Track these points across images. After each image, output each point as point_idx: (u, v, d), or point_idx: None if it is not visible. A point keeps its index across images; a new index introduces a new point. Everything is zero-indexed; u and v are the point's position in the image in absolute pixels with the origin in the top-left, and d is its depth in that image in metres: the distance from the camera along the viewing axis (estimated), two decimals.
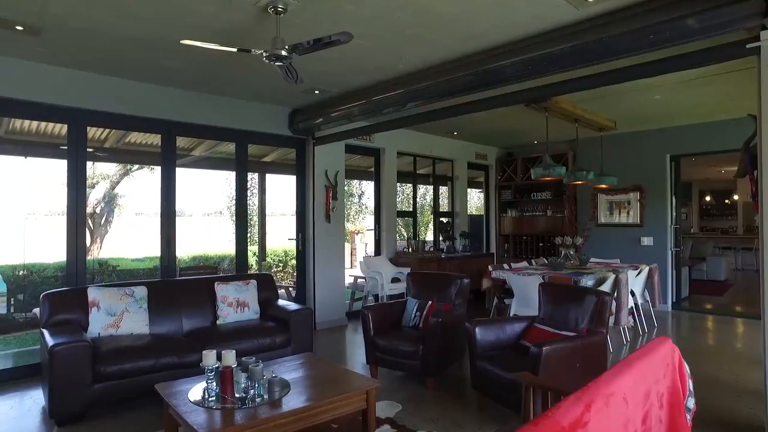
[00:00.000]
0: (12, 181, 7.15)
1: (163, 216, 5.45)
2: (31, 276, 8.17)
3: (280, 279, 12.19)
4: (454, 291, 4.81)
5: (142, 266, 9.54)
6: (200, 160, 7.91)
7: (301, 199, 6.73)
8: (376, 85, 5.37)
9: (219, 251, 11.16)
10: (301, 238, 6.68)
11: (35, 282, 8.17)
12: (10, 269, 8.33)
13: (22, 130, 6.23)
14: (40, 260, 8.18)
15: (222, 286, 4.79)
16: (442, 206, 9.45)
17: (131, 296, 4.27)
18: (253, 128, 6.15)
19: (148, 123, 5.37)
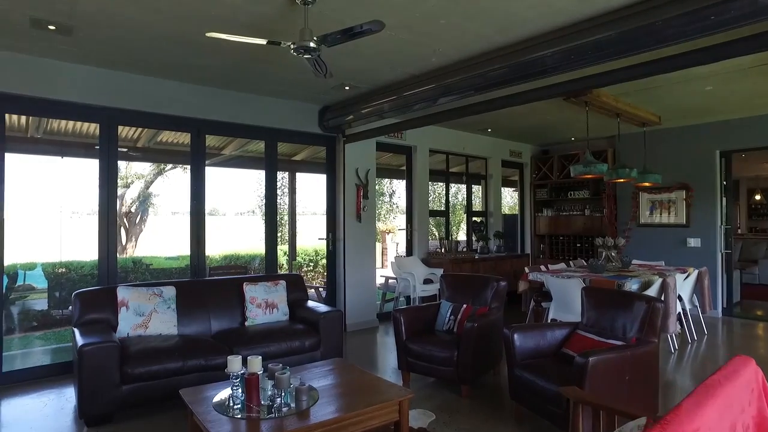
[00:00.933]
0: (50, 181, 7.30)
1: (192, 215, 5.41)
2: (69, 273, 8.33)
3: (310, 279, 12.14)
4: (490, 294, 4.59)
5: (174, 265, 9.63)
6: (231, 159, 7.89)
7: (331, 198, 6.61)
8: (408, 79, 5.19)
9: (250, 250, 11.20)
10: (331, 238, 6.56)
11: (73, 279, 8.33)
12: (50, 266, 8.52)
13: (59, 130, 6.31)
14: (77, 258, 8.33)
15: (251, 286, 4.70)
16: (475, 205, 9.19)
17: (160, 296, 4.22)
18: (283, 126, 6.05)
19: (178, 122, 5.34)
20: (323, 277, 12.72)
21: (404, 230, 7.60)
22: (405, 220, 7.66)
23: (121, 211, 12.08)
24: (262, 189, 14.26)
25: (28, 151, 6.43)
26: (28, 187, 8.27)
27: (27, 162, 6.94)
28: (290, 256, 9.27)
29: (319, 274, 12.57)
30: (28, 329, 7.75)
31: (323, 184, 6.80)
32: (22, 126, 6.02)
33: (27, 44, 4.22)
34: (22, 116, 5.73)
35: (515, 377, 3.52)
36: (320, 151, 7.95)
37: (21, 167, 6.73)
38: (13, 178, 8.19)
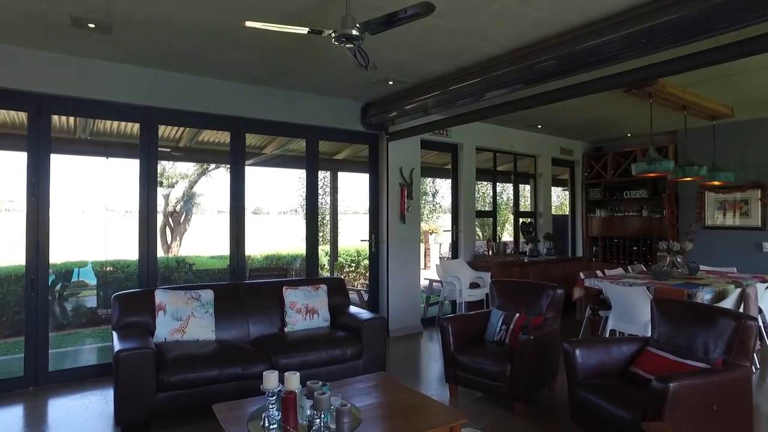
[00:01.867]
0: (96, 181, 7.43)
1: (232, 216, 5.29)
2: (116, 272, 8.45)
3: (352, 280, 11.97)
4: (546, 303, 4.23)
5: (216, 265, 9.65)
6: (273, 158, 7.79)
7: (374, 198, 6.37)
8: (455, 72, 4.89)
9: (291, 250, 11.12)
10: (374, 240, 6.33)
11: (119, 278, 8.46)
12: (99, 265, 8.69)
13: (104, 131, 6.36)
14: (124, 257, 8.45)
15: (290, 291, 4.52)
16: (523, 206, 8.76)
17: (197, 300, 4.09)
18: (324, 124, 5.86)
19: (217, 120, 5.23)
20: (365, 278, 12.52)
21: (449, 231, 7.28)
22: (450, 221, 7.34)
23: (166, 211, 12.29)
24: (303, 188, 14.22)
25: (76, 152, 6.51)
26: (78, 187, 8.49)
27: (75, 163, 7.08)
28: (332, 256, 9.08)
29: (361, 275, 12.37)
30: (79, 326, 7.91)
31: (365, 183, 6.58)
32: (70, 128, 6.08)
33: (70, 45, 4.18)
34: (70, 118, 5.79)
35: (577, 398, 3.17)
36: (362, 149, 7.73)
37: (70, 168, 6.88)
38: (63, 178, 8.36)
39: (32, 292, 4.37)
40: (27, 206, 4.34)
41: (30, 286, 4.36)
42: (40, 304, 4.41)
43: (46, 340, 4.45)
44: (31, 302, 4.38)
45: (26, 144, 4.39)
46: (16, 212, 6.13)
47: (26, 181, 4.34)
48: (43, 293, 4.44)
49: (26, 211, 4.34)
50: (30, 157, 4.36)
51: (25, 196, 4.39)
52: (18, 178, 4.52)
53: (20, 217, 4.59)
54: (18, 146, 4.76)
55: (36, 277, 4.38)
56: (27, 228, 4.35)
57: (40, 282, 4.40)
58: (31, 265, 4.37)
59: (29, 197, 4.34)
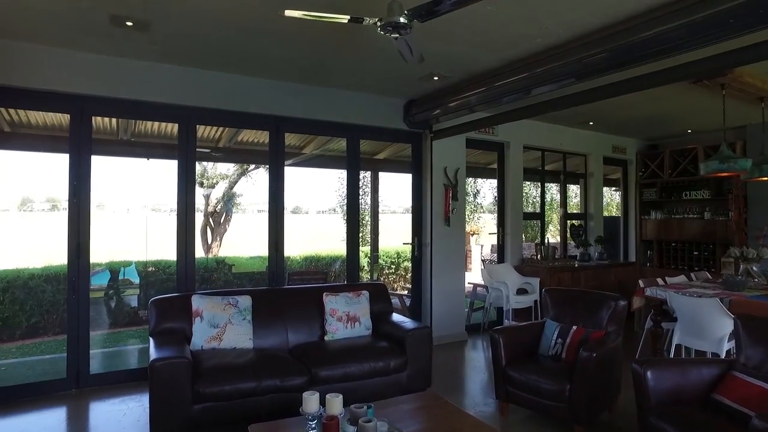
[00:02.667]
0: (138, 182, 7.50)
1: (271, 218, 5.13)
2: (157, 272, 8.51)
3: (391, 282, 11.74)
4: (606, 315, 3.87)
5: (255, 266, 9.59)
6: (312, 158, 7.65)
7: (418, 199, 6.10)
8: (504, 66, 4.58)
9: (331, 251, 10.97)
10: (417, 243, 6.06)
11: (161, 278, 8.52)
12: (141, 264, 8.79)
13: (144, 132, 6.35)
14: (166, 257, 8.50)
15: (331, 297, 4.31)
16: (572, 207, 8.32)
17: (235, 306, 3.93)
18: (365, 122, 5.63)
19: (256, 119, 5.08)
20: (405, 280, 12.26)
21: (494, 234, 6.94)
22: (491, 221, 6.99)
23: (206, 211, 12.38)
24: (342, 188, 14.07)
25: (119, 153, 6.54)
26: (122, 188, 8.64)
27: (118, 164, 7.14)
28: (372, 258, 8.86)
29: (401, 277, 12.11)
30: (123, 325, 8.00)
31: (406, 183, 6.32)
32: (113, 129, 6.09)
33: (109, 45, 4.11)
34: (112, 120, 5.78)
35: (650, 427, 2.81)
36: (404, 149, 7.47)
37: (114, 169, 6.97)
38: (108, 179, 8.50)
39: (74, 294, 4.33)
40: (68, 208, 4.30)
41: (72, 288, 4.32)
42: (82, 307, 4.37)
43: (87, 343, 4.40)
44: (73, 304, 4.34)
45: (68, 146, 4.34)
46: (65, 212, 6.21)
47: (68, 183, 4.30)
48: (84, 295, 4.39)
49: (68, 212, 4.31)
50: (72, 158, 4.32)
51: (66, 197, 4.36)
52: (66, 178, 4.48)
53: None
54: (59, 148, 4.75)
55: (77, 279, 4.34)
56: (69, 229, 4.31)
57: (81, 284, 4.36)
58: (73, 266, 4.33)
59: (71, 199, 4.30)
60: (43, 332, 7.51)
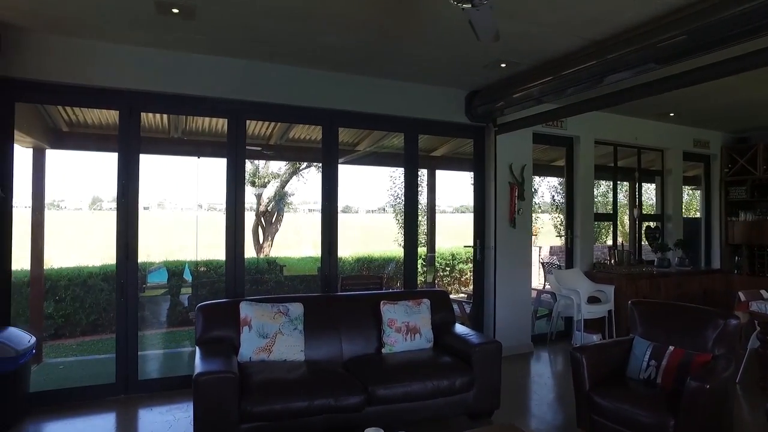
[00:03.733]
0: (189, 181, 7.45)
1: (324, 218, 4.81)
2: (209, 272, 8.45)
3: (446, 285, 11.28)
4: (713, 335, 3.29)
5: (306, 267, 9.37)
6: (366, 155, 7.33)
7: (480, 199, 5.64)
8: (585, 48, 4.05)
9: (383, 252, 10.63)
10: (479, 246, 5.59)
11: (213, 278, 8.45)
12: (193, 264, 8.77)
13: (196, 130, 6.21)
14: (217, 257, 8.42)
15: (389, 306, 3.93)
16: (647, 207, 7.58)
17: (286, 315, 3.62)
18: (424, 116, 5.23)
19: (308, 113, 4.78)
20: (460, 283, 11.74)
21: (564, 237, 6.36)
22: (564, 225, 6.42)
23: (258, 211, 12.34)
24: (395, 186, 13.72)
25: (170, 152, 6.46)
26: (174, 187, 8.70)
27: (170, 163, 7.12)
28: (428, 261, 8.43)
29: (455, 280, 11.60)
30: (176, 324, 7.97)
31: (461, 181, 5.90)
32: (164, 127, 5.98)
33: (157, 37, 3.92)
34: (164, 118, 5.66)
35: None
36: (463, 145, 7.03)
37: (166, 167, 6.96)
38: (160, 178, 8.45)
39: (122, 297, 4.16)
40: (117, 207, 4.15)
41: (120, 291, 4.16)
42: (130, 311, 4.20)
43: (136, 348, 4.23)
44: (122, 308, 4.17)
45: (117, 144, 4.19)
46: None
47: (117, 182, 4.14)
48: (133, 299, 4.22)
49: (116, 212, 4.15)
50: (120, 156, 4.16)
51: (115, 197, 4.21)
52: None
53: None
54: (113, 148, 4.62)
55: (126, 282, 4.17)
56: (117, 230, 4.15)
57: (129, 287, 4.19)
58: (121, 268, 4.17)
59: (119, 198, 4.14)
60: (101, 330, 7.57)
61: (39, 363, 5.56)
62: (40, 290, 5.90)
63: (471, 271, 12.04)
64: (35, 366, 5.50)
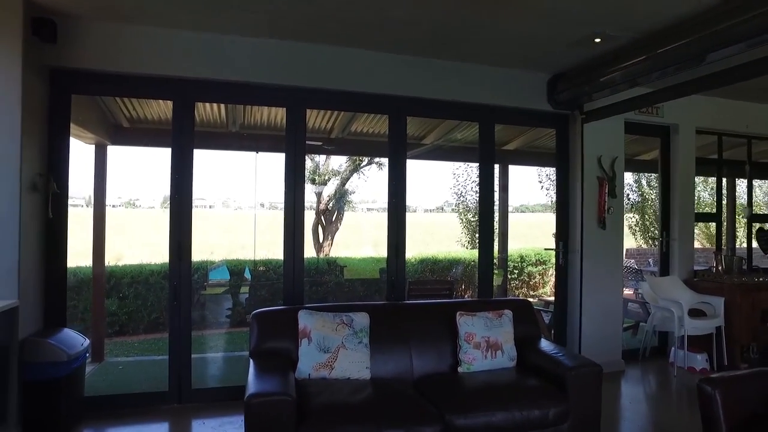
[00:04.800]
0: (247, 177, 7.27)
1: (390, 216, 4.35)
2: (268, 272, 8.24)
3: (513, 288, 10.58)
4: None
5: (367, 268, 8.99)
6: (432, 149, 6.83)
7: (563, 196, 5.00)
8: (704, 13, 3.37)
9: (448, 253, 10.07)
10: (562, 249, 4.95)
11: (272, 278, 8.24)
12: (251, 263, 8.61)
13: (254, 124, 5.95)
14: (277, 256, 8.20)
15: (467, 318, 3.42)
16: (757, 205, 6.60)
17: (349, 326, 3.20)
18: (501, 102, 4.66)
19: (373, 101, 4.34)
20: (529, 287, 10.97)
21: (660, 240, 5.58)
22: (660, 226, 5.64)
23: (318, 209, 12.11)
24: (458, 184, 13.10)
25: (227, 146, 6.25)
26: (233, 184, 8.56)
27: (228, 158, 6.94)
28: (501, 263, 7.79)
29: (524, 283, 10.84)
30: (236, 324, 7.81)
31: (529, 178, 5.24)
32: (222, 121, 5.76)
33: (211, 20, 3.63)
34: (222, 112, 5.42)
35: None
36: (540, 137, 6.39)
37: (224, 163, 6.76)
38: (218, 174, 8.23)
39: (175, 300, 3.89)
40: (170, 204, 3.88)
41: (173, 293, 3.90)
42: (183, 315, 3.92)
43: (189, 356, 3.95)
44: (175, 312, 3.91)
45: (170, 136, 3.93)
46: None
47: (170, 177, 3.87)
48: (186, 303, 3.94)
49: (169, 209, 3.88)
50: (174, 149, 3.89)
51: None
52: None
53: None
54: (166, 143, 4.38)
55: (179, 284, 3.90)
56: (170, 228, 3.88)
57: (182, 289, 3.91)
58: (174, 269, 3.90)
59: (172, 195, 3.87)
60: (162, 328, 7.51)
61: (101, 362, 5.49)
62: (102, 288, 5.83)
63: (540, 274, 11.29)
64: (97, 364, 5.44)
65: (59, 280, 3.67)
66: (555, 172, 5.04)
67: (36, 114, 3.47)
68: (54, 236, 3.63)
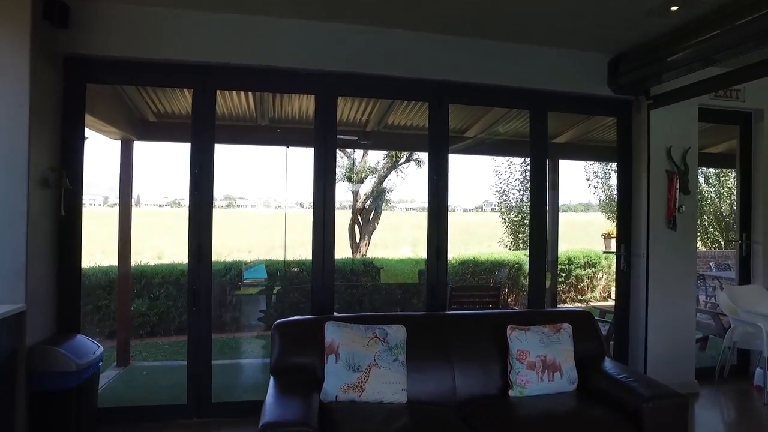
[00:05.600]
0: (276, 173, 7.00)
1: (431, 216, 3.88)
2: (301, 273, 7.92)
3: (559, 293, 9.90)
4: None
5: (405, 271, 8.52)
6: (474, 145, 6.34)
7: (626, 192, 4.42)
8: None
9: (490, 255, 9.50)
10: (624, 252, 4.37)
11: (306, 280, 7.92)
12: (281, 264, 8.32)
13: (285, 117, 5.62)
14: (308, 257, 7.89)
15: (519, 333, 2.94)
16: None
17: (383, 341, 2.77)
18: (555, 87, 4.13)
19: (411, 87, 3.89)
20: (576, 291, 10.25)
21: (739, 243, 4.90)
22: (738, 228, 4.96)
23: (354, 208, 11.75)
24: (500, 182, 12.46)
25: (257, 141, 5.96)
26: (262, 180, 8.29)
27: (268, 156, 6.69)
28: (551, 267, 7.18)
29: (571, 287, 10.13)
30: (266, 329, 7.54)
31: (576, 175, 4.66)
32: (252, 114, 5.46)
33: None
34: (249, 103, 5.11)
35: None
36: (595, 128, 5.80)
37: (252, 159, 6.51)
38: (246, 170, 7.95)
39: (194, 306, 3.57)
40: (189, 202, 3.56)
41: (192, 299, 3.57)
42: (203, 324, 3.59)
43: (209, 366, 3.62)
44: (193, 320, 3.59)
45: (191, 128, 3.62)
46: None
47: (189, 172, 3.56)
48: (206, 311, 3.60)
49: (188, 207, 3.57)
50: (193, 143, 3.57)
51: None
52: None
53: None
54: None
55: (198, 288, 3.57)
56: (189, 228, 3.56)
57: (202, 295, 3.58)
58: (193, 273, 3.57)
59: (191, 191, 3.55)
60: None
61: (126, 366, 5.29)
62: (128, 288, 5.63)
63: (589, 277, 10.53)
64: (122, 369, 5.23)
65: (73, 282, 3.41)
66: (616, 166, 4.46)
67: (48, 104, 3.22)
68: (67, 235, 3.37)
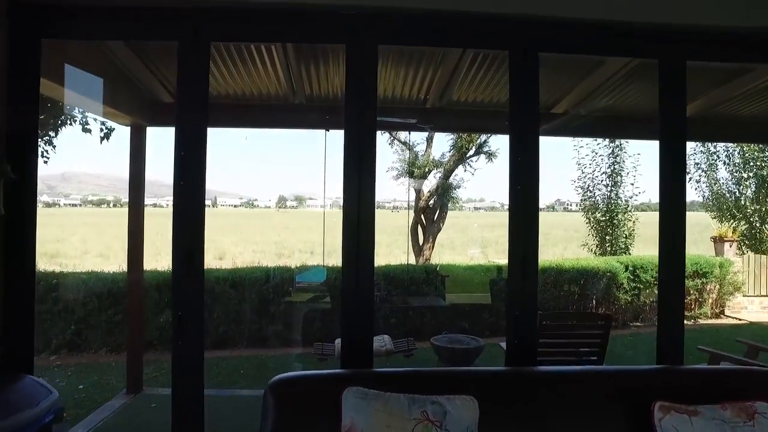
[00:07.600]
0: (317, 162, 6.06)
1: (514, 213, 2.66)
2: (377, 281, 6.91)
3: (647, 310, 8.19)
4: None
5: (474, 281, 7.19)
6: (562, 125, 5.03)
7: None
8: None
9: (576, 261, 7.98)
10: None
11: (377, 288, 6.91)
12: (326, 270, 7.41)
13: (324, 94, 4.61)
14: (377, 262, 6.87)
15: (674, 418, 1.69)
16: None
17: (440, 427, 1.63)
18: (695, 20, 2.77)
19: (480, 30, 2.69)
20: (697, 304, 8.30)
21: None
22: None
23: (417, 207, 10.60)
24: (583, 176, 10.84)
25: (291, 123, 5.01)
26: (292, 175, 7.15)
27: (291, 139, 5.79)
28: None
29: (694, 302, 8.19)
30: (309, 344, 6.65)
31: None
32: (285, 92, 4.50)
33: None
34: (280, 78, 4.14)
35: None
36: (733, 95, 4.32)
37: (291, 144, 5.59)
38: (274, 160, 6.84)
39: (179, 338, 2.59)
40: (173, 195, 2.60)
41: (177, 326, 2.59)
42: (196, 363, 2.62)
43: (201, 422, 2.64)
44: (178, 353, 2.61)
45: (175, 97, 2.67)
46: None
47: (174, 155, 2.60)
48: (195, 340, 2.62)
49: (172, 202, 2.61)
50: (179, 117, 2.61)
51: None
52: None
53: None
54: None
55: (184, 315, 2.59)
56: (173, 230, 2.58)
57: (189, 318, 2.59)
58: (180, 291, 2.61)
59: (176, 182, 2.58)
60: (232, 344, 6.52)
61: (137, 393, 4.51)
62: (140, 298, 4.85)
63: (697, 290, 8.59)
64: (132, 397, 4.45)
65: (22, 304, 2.54)
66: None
67: None
68: (12, 239, 2.51)
